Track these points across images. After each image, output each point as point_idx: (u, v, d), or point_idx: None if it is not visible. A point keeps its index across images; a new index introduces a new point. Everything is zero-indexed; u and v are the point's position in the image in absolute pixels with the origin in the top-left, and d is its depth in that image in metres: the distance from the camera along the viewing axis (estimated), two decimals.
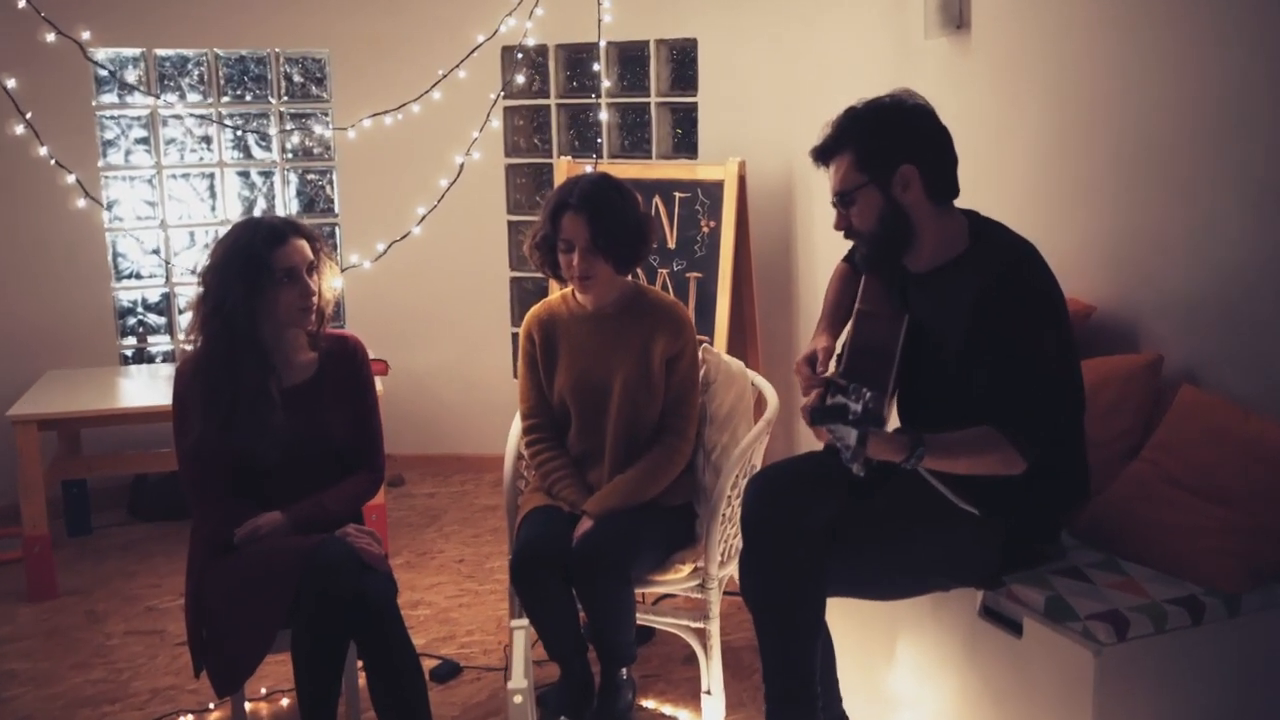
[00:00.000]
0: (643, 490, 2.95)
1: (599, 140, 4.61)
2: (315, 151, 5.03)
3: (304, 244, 2.73)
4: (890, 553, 2.44)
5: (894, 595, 2.55)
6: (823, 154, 2.43)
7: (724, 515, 2.97)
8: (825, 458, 2.54)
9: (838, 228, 2.46)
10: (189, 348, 2.79)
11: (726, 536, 3.02)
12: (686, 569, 2.96)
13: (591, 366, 3.00)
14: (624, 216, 2.95)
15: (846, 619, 2.70)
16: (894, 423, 2.52)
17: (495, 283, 5.08)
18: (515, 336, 5.13)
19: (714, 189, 4.01)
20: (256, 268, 2.64)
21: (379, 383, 4.12)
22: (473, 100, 4.63)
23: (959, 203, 2.44)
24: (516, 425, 3.21)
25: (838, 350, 2.58)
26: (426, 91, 4.56)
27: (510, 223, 5.03)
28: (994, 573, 2.42)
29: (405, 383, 5.02)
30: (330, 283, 2.86)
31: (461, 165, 4.51)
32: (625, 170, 4.13)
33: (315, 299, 2.73)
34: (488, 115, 4.54)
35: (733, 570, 3.11)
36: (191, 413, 2.71)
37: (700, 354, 3.13)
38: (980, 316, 2.30)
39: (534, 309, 3.13)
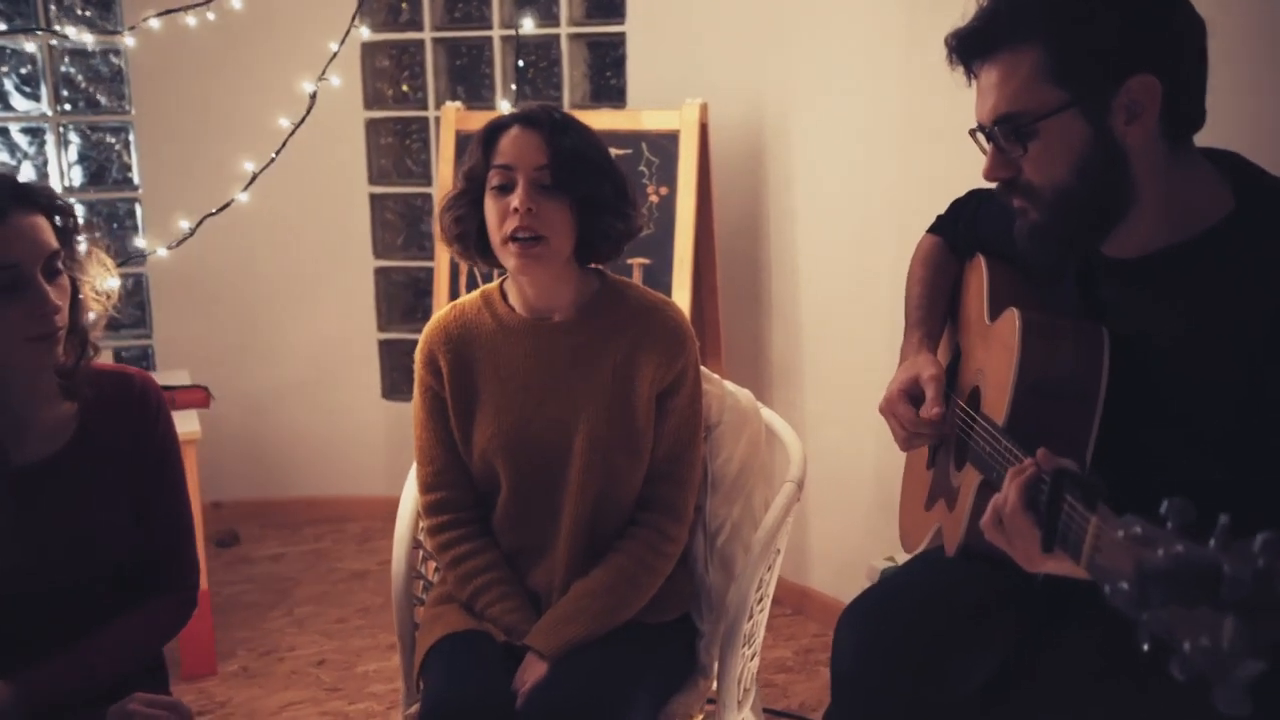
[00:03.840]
0: (621, 606, 1.87)
1: (495, 84, 3.49)
2: (102, 102, 3.75)
3: (38, 224, 1.56)
4: None
5: None
6: (978, 45, 1.40)
7: (744, 634, 1.92)
8: (967, 571, 1.51)
9: (993, 177, 1.43)
10: None
11: (745, 662, 1.97)
12: None
13: (537, 408, 1.90)
14: (598, 149, 1.87)
15: None
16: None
17: (355, 274, 3.90)
18: (382, 345, 3.95)
19: (665, 143, 2.94)
20: None
21: (195, 422, 2.93)
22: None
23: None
24: (409, 495, 2.09)
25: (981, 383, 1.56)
26: None
27: (373, 196, 3.85)
28: None
29: (236, 410, 3.80)
30: (98, 286, 1.71)
31: (313, 96, 3.28)
32: None
33: (59, 316, 1.57)
34: (353, 18, 3.28)
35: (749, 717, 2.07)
36: None
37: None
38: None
39: (437, 318, 1.99)
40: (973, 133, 1.43)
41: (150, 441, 1.75)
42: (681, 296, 2.90)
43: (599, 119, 3.08)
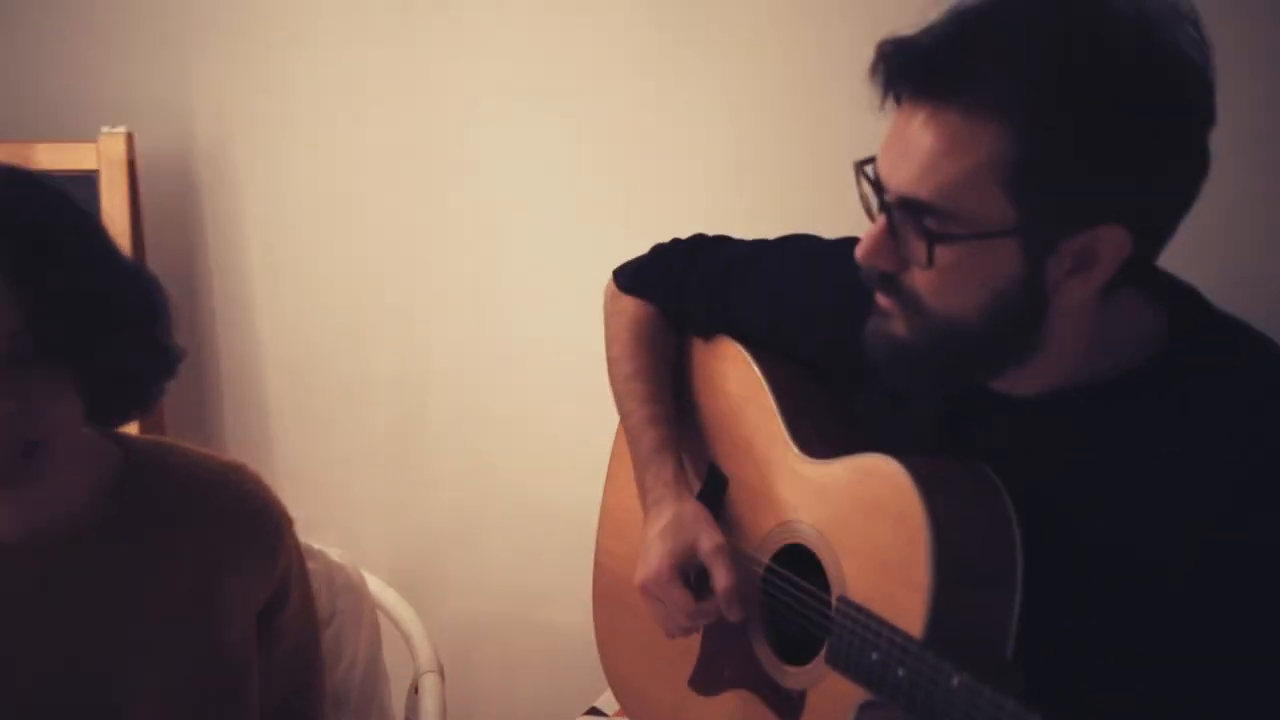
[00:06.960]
0: None
1: None
2: None
3: None
4: None
5: None
6: (926, 79, 0.93)
7: None
8: None
9: (870, 261, 0.99)
10: None
11: None
12: None
13: (59, 681, 1.09)
14: (104, 258, 1.10)
15: None
16: None
17: None
18: None
19: (78, 190, 2.07)
20: None
21: None
22: None
23: None
24: None
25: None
26: None
27: None
28: None
29: None
30: None
31: None
32: None
33: None
34: None
35: None
36: None
37: None
38: (1219, 541, 0.95)
39: None
40: (860, 169, 0.97)
41: None
42: None
43: None
